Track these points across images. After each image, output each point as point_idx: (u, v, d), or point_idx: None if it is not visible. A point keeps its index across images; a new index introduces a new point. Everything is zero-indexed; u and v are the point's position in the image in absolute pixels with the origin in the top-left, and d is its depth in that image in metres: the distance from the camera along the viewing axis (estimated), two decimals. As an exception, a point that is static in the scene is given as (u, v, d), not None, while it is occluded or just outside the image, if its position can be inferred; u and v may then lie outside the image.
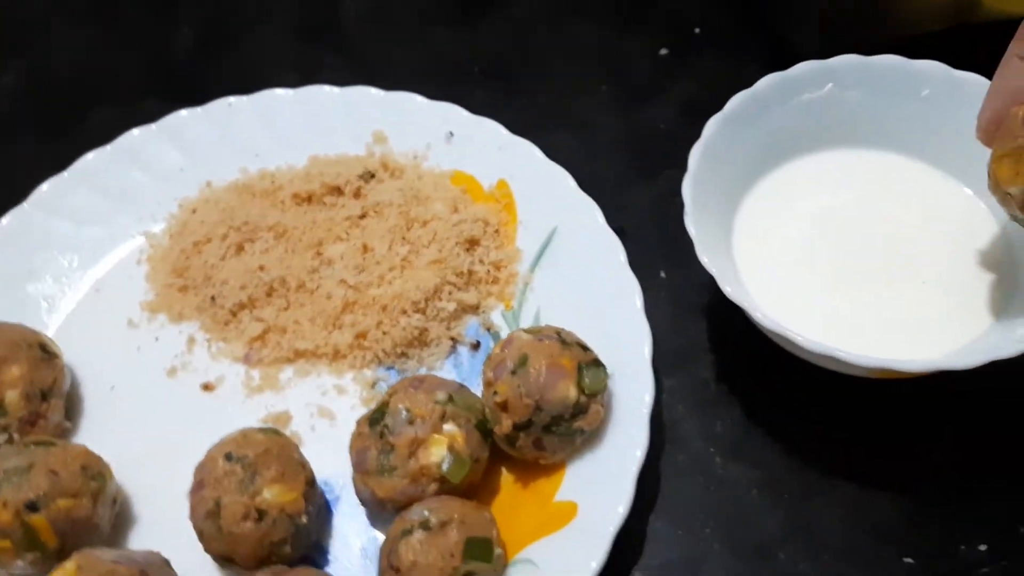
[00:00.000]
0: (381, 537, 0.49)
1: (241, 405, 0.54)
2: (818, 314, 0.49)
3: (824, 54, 0.53)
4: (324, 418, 0.53)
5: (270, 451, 0.47)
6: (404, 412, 0.47)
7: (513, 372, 0.47)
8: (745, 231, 0.53)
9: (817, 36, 0.62)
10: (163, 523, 0.50)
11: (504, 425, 0.47)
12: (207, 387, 0.55)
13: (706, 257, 0.47)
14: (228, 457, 0.46)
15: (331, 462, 0.51)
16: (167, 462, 0.52)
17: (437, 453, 0.46)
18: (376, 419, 0.47)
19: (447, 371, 0.54)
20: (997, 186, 0.43)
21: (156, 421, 0.54)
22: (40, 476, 0.46)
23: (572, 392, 0.47)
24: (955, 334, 0.48)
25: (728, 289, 0.46)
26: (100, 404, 0.55)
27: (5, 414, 0.50)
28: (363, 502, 0.48)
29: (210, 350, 0.56)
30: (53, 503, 0.46)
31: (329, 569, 0.49)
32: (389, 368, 0.55)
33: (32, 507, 0.45)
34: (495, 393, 0.48)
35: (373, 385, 0.54)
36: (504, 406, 0.47)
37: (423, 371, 0.54)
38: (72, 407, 0.54)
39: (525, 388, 0.47)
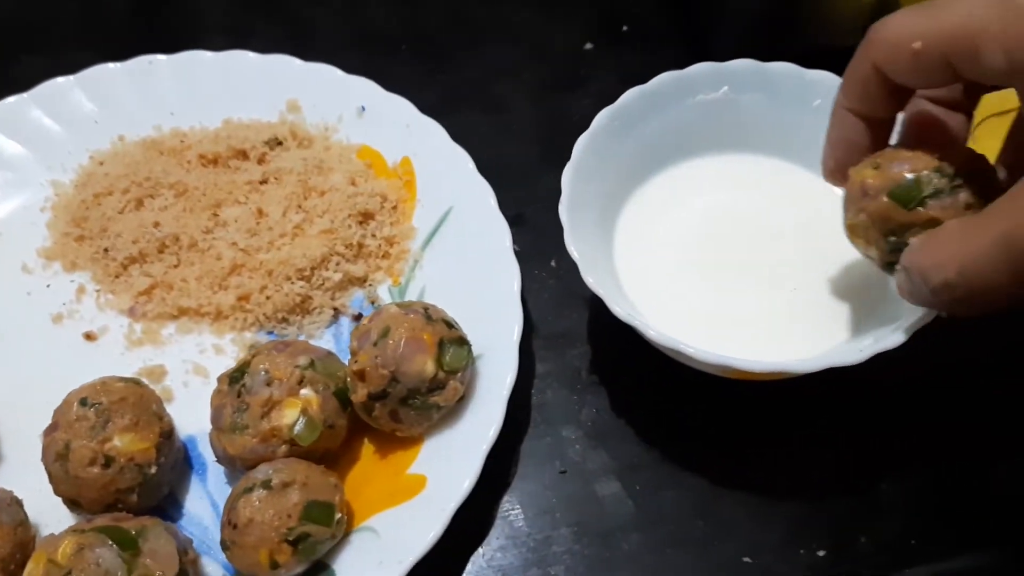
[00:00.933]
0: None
1: (120, 356, 0.55)
2: (685, 312, 0.50)
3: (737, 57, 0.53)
4: (199, 376, 0.54)
5: (126, 400, 0.47)
6: (263, 373, 0.48)
7: (375, 343, 0.48)
8: (628, 226, 0.53)
9: (733, 40, 0.62)
10: (24, 464, 0.50)
11: (360, 394, 0.48)
12: (89, 336, 0.56)
13: (573, 245, 0.47)
14: (83, 402, 0.47)
15: (200, 420, 0.51)
16: (37, 406, 0.52)
17: (290, 415, 0.47)
18: (236, 378, 0.48)
19: (326, 340, 0.55)
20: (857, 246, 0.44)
21: (34, 365, 0.55)
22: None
23: (430, 367, 0.47)
24: (817, 340, 0.49)
25: (590, 280, 0.47)
26: (-19, 349, 0.55)
27: None
28: (217, 459, 0.49)
29: (98, 301, 0.57)
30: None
31: (181, 523, 0.49)
32: (269, 333, 0.55)
33: None
34: (355, 362, 0.48)
35: (251, 348, 0.54)
36: (361, 375, 0.48)
37: (302, 338, 0.55)
38: (-49, 356, 0.55)
39: (383, 359, 0.47)
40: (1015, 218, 0.36)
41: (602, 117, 0.52)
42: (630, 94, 0.53)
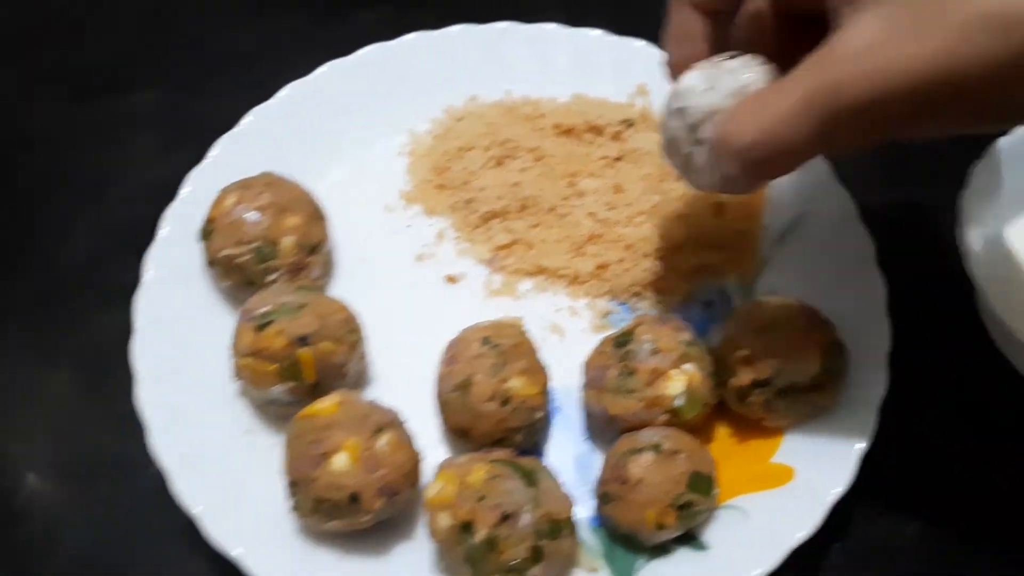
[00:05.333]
0: (594, 451, 0.52)
1: (480, 302, 0.57)
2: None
3: None
4: (555, 334, 0.56)
5: (520, 346, 0.50)
6: (649, 342, 0.49)
7: (761, 332, 0.49)
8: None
9: None
10: (391, 389, 0.53)
11: (743, 379, 0.49)
12: (451, 279, 0.58)
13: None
14: (484, 341, 0.49)
15: (556, 376, 0.53)
16: (405, 336, 0.56)
17: (675, 387, 0.49)
18: (621, 342, 0.50)
19: (675, 321, 0.56)
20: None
21: (400, 298, 0.58)
22: (311, 316, 0.50)
23: (815, 365, 0.49)
24: None
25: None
26: (351, 272, 0.59)
27: (278, 256, 0.54)
28: (589, 415, 0.51)
29: (457, 247, 0.60)
30: (320, 343, 0.50)
31: (544, 470, 0.51)
32: (623, 304, 0.57)
33: (303, 341, 0.49)
34: (737, 348, 0.50)
35: (605, 315, 0.57)
36: (747, 361, 0.49)
37: (654, 314, 0.56)
38: (326, 269, 0.58)
39: (773, 349, 0.48)
40: (819, 76, 0.36)
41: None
42: None
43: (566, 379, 0.53)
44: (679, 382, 0.49)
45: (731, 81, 0.43)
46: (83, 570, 0.51)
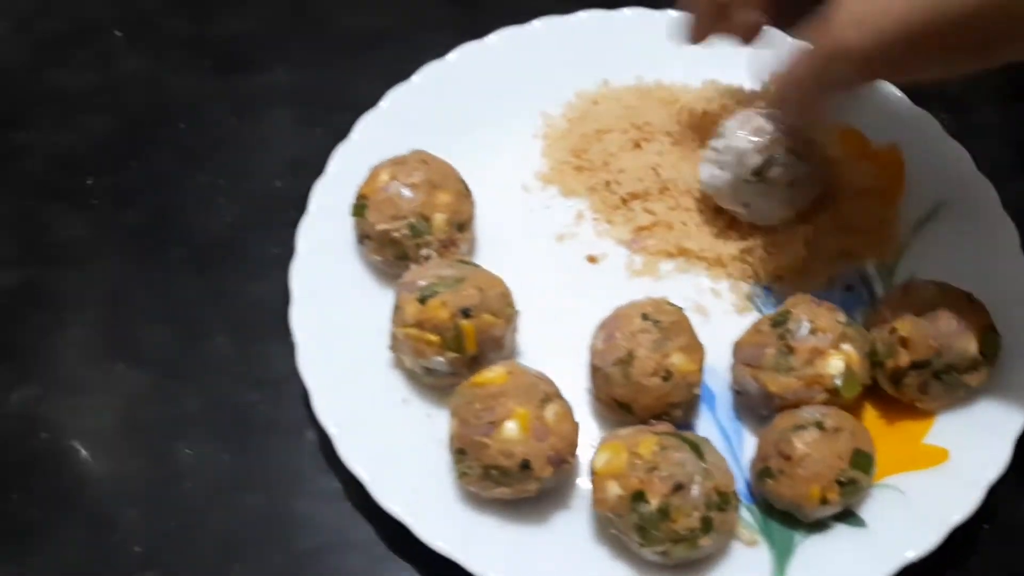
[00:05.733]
0: (742, 428, 0.53)
1: (623, 283, 0.58)
2: None
3: None
4: (698, 314, 0.57)
5: (680, 323, 0.51)
6: (807, 323, 0.50)
7: (918, 314, 0.50)
8: None
9: None
10: (537, 363, 0.53)
11: (902, 360, 0.50)
12: (591, 259, 0.60)
13: None
14: (644, 317, 0.50)
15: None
16: (549, 314, 0.57)
17: (835, 366, 0.49)
18: (779, 322, 0.51)
19: (817, 305, 0.57)
20: None
21: (543, 277, 0.59)
22: (472, 289, 0.51)
23: (973, 347, 0.49)
24: None
25: None
26: (493, 250, 0.60)
27: (431, 232, 0.55)
28: (741, 392, 0.52)
29: (596, 228, 0.61)
30: (481, 315, 0.51)
31: (696, 444, 0.52)
32: (764, 287, 0.58)
33: (466, 313, 0.51)
34: (893, 330, 0.50)
35: (749, 298, 0.57)
36: (905, 343, 0.50)
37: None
38: (471, 246, 0.59)
39: (932, 331, 0.49)
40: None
41: None
42: None
43: (711, 358, 0.54)
44: (839, 361, 0.50)
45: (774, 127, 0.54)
46: (244, 529, 0.52)
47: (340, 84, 0.69)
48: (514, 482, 0.47)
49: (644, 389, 0.49)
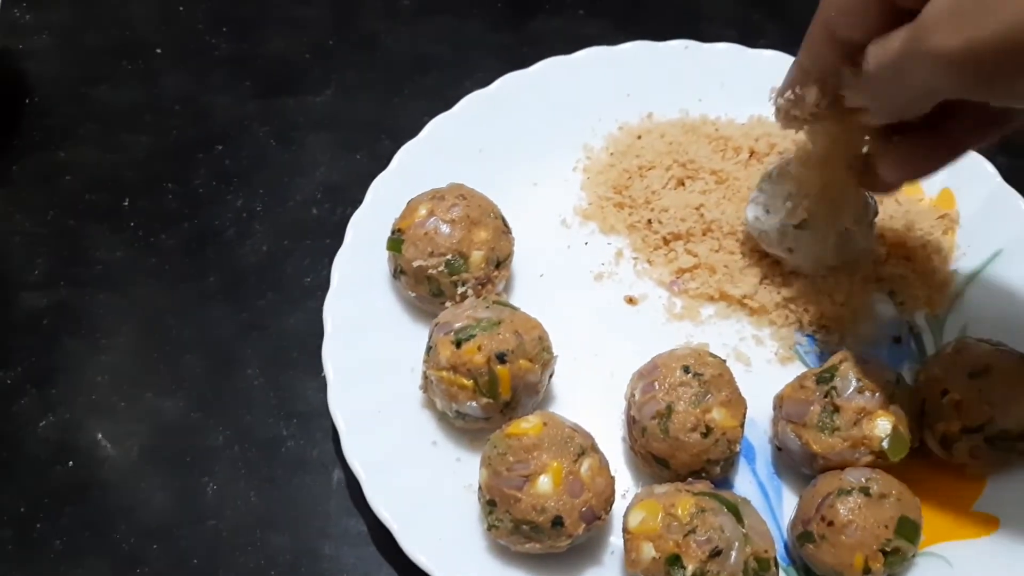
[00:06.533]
0: (782, 485, 0.51)
1: (662, 326, 0.57)
2: None
3: None
4: (739, 362, 0.55)
5: (722, 376, 0.49)
6: (855, 380, 0.48)
7: (972, 376, 0.48)
8: None
9: None
10: (572, 409, 0.52)
11: (953, 425, 0.48)
12: (630, 300, 0.58)
13: None
14: (686, 369, 0.49)
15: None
16: (585, 356, 0.56)
17: (882, 428, 0.48)
18: (825, 378, 0.49)
19: (863, 356, 0.55)
20: None
21: (579, 318, 0.57)
22: (509, 333, 0.50)
23: (1028, 413, 0.47)
24: None
25: None
26: (529, 287, 0.59)
27: (468, 270, 0.54)
28: (782, 449, 0.50)
29: (635, 267, 0.59)
30: (517, 361, 0.50)
31: (728, 500, 0.51)
32: (808, 335, 0.56)
33: (501, 358, 0.49)
34: (945, 391, 0.48)
35: (792, 347, 0.56)
36: (958, 407, 0.48)
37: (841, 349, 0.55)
38: (506, 283, 0.58)
39: (987, 395, 0.47)
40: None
41: None
42: None
43: (751, 409, 0.52)
44: (886, 423, 0.48)
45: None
46: (268, 569, 0.51)
47: (382, 109, 0.68)
48: (545, 538, 0.46)
49: (683, 445, 0.48)
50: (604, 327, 0.57)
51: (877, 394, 0.48)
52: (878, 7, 0.40)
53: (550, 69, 0.66)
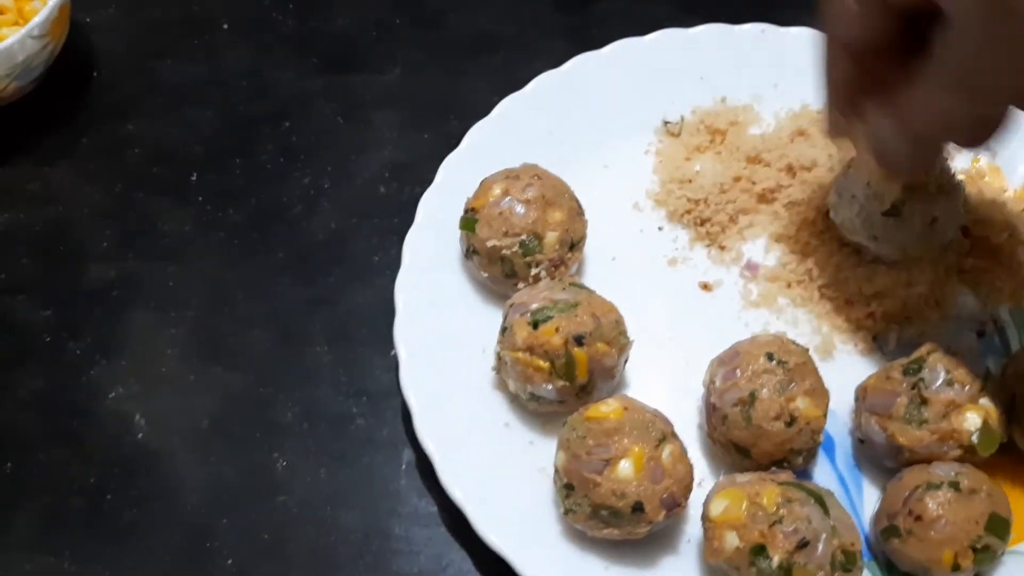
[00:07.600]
0: (862, 477, 0.50)
1: (738, 313, 0.56)
2: None
3: None
4: (818, 353, 0.54)
5: (807, 364, 0.48)
6: (944, 372, 0.47)
7: (1067, 369, 0.46)
8: None
9: None
10: (647, 394, 0.51)
11: (1045, 417, 0.46)
12: (705, 287, 0.57)
13: None
14: (769, 357, 0.48)
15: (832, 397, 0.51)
16: (659, 342, 0.55)
17: (972, 421, 0.46)
18: (912, 370, 0.48)
19: (946, 349, 0.54)
20: None
21: (653, 303, 0.56)
22: (587, 316, 0.49)
23: (1123, 410, 0.46)
24: None
25: None
26: (602, 271, 0.58)
27: (542, 251, 0.53)
28: (864, 441, 0.49)
29: (710, 253, 0.58)
30: (594, 344, 0.49)
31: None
32: (889, 328, 0.55)
33: (579, 341, 0.48)
34: (1030, 382, 0.47)
35: (873, 337, 0.54)
36: (1049, 400, 0.46)
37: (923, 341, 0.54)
38: (579, 267, 0.57)
39: (1082, 389, 0.46)
40: None
41: None
42: None
43: (831, 401, 0.51)
44: (976, 416, 0.46)
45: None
46: (337, 547, 0.51)
47: (450, 88, 0.68)
48: (624, 524, 0.45)
49: (765, 434, 0.47)
50: (678, 313, 0.56)
51: (967, 387, 0.47)
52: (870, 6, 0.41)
53: (623, 50, 0.65)
